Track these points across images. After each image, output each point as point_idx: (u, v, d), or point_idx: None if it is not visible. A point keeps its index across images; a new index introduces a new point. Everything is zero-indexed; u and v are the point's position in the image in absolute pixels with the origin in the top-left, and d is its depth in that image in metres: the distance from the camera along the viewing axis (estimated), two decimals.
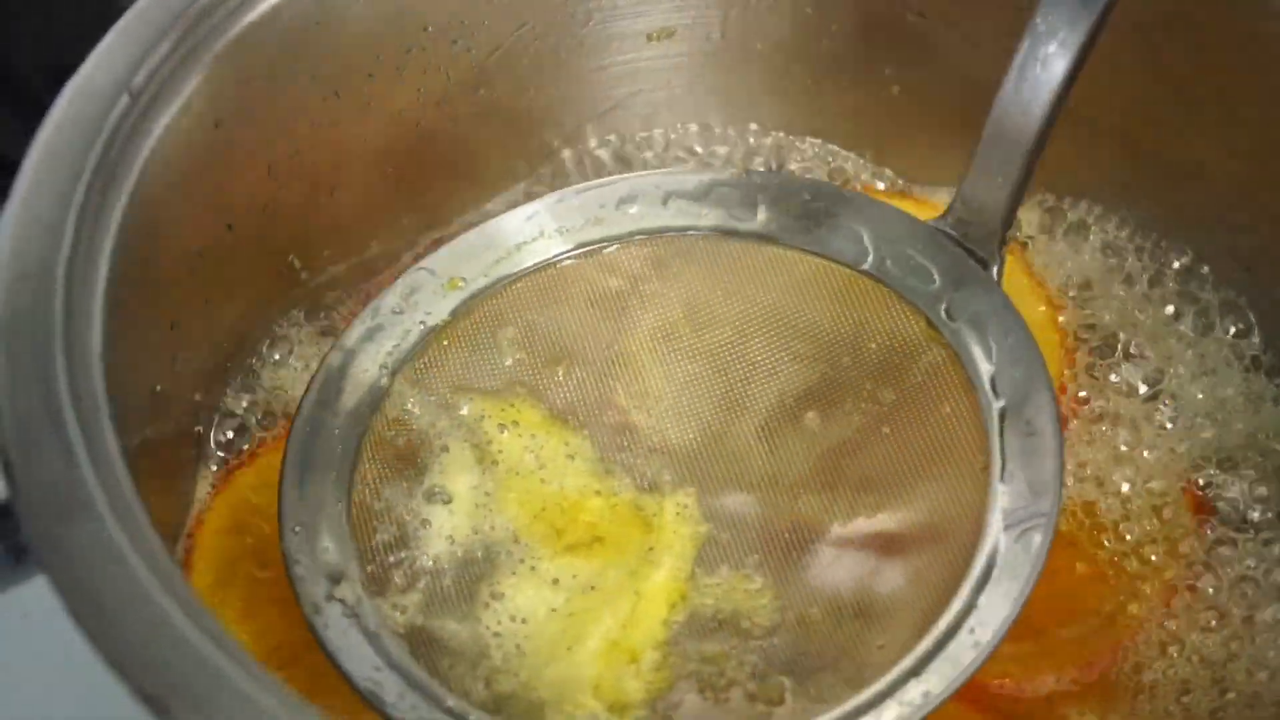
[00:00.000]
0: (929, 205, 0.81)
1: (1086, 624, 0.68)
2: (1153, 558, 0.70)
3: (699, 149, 0.85)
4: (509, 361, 0.68)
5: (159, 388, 0.67)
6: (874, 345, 0.67)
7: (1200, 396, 0.75)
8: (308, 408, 0.65)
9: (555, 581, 0.63)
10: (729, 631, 0.62)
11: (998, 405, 0.63)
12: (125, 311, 0.61)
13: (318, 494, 0.63)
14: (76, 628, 0.50)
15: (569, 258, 0.70)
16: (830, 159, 0.85)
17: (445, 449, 0.66)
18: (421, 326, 0.68)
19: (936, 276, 0.67)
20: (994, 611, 0.58)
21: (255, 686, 0.48)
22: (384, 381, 0.66)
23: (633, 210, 0.71)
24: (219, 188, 0.69)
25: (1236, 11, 0.70)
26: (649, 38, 0.82)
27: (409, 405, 0.67)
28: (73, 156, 0.61)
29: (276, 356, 0.77)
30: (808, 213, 0.70)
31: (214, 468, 0.74)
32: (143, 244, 0.63)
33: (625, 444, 0.67)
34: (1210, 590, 0.69)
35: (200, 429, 0.74)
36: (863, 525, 0.64)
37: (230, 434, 0.75)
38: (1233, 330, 0.77)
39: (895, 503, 0.64)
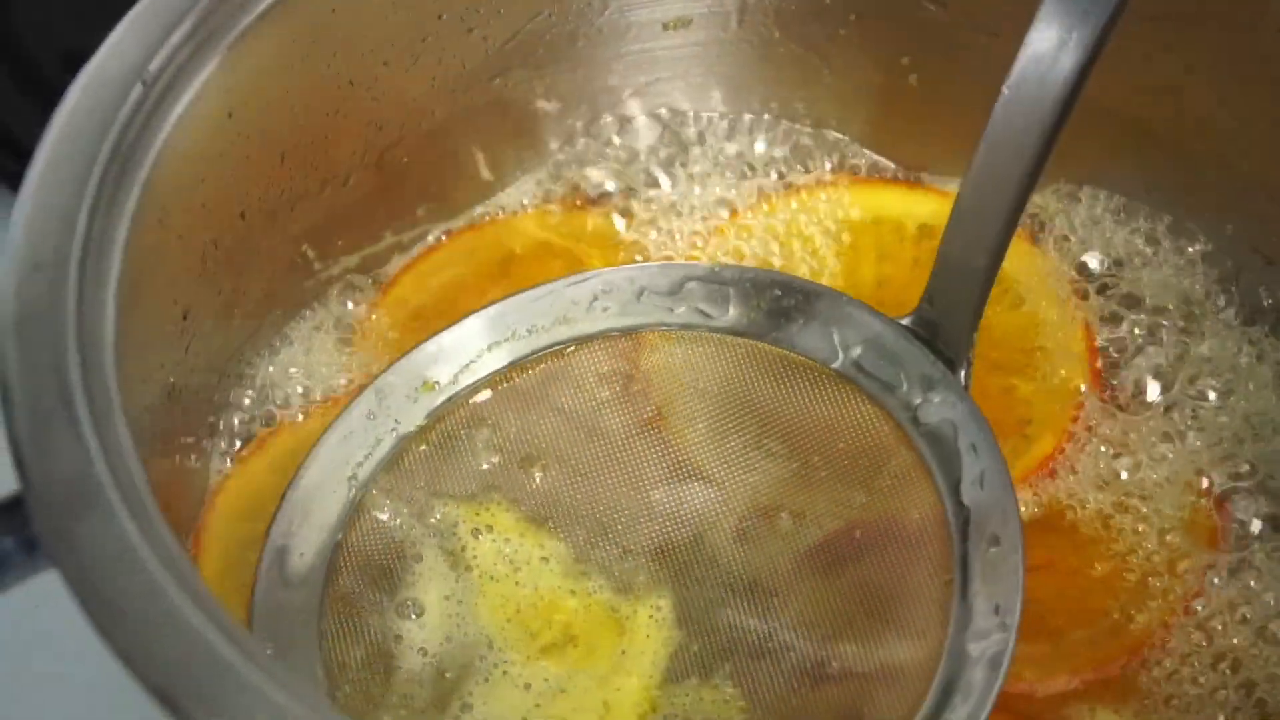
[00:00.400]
0: (943, 195, 0.81)
1: (1102, 626, 0.68)
2: (1171, 560, 0.70)
3: (713, 139, 0.85)
4: (484, 465, 0.68)
5: (172, 379, 0.67)
6: (843, 446, 0.67)
7: (1227, 397, 0.75)
8: (278, 524, 0.65)
9: (527, 686, 0.63)
10: None
11: (962, 514, 0.63)
12: (138, 301, 0.60)
13: (289, 613, 0.63)
14: (87, 621, 0.49)
15: (542, 357, 0.70)
16: (845, 149, 0.84)
17: (419, 558, 0.66)
18: (394, 433, 0.68)
19: (905, 379, 0.67)
20: None
21: (266, 681, 0.48)
22: (354, 493, 0.66)
23: (604, 306, 0.71)
24: (232, 177, 0.69)
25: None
26: (665, 26, 0.81)
27: (381, 515, 0.66)
28: (86, 145, 0.61)
29: (290, 346, 0.77)
30: (778, 309, 0.70)
31: (227, 458, 0.74)
32: (156, 233, 0.63)
33: (600, 545, 0.66)
34: (1228, 594, 0.69)
35: (213, 419, 0.74)
36: (831, 637, 0.63)
37: (243, 424, 0.75)
38: (1263, 330, 0.76)
39: (863, 614, 0.64)
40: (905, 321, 0.68)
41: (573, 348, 0.71)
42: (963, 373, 0.67)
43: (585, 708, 0.62)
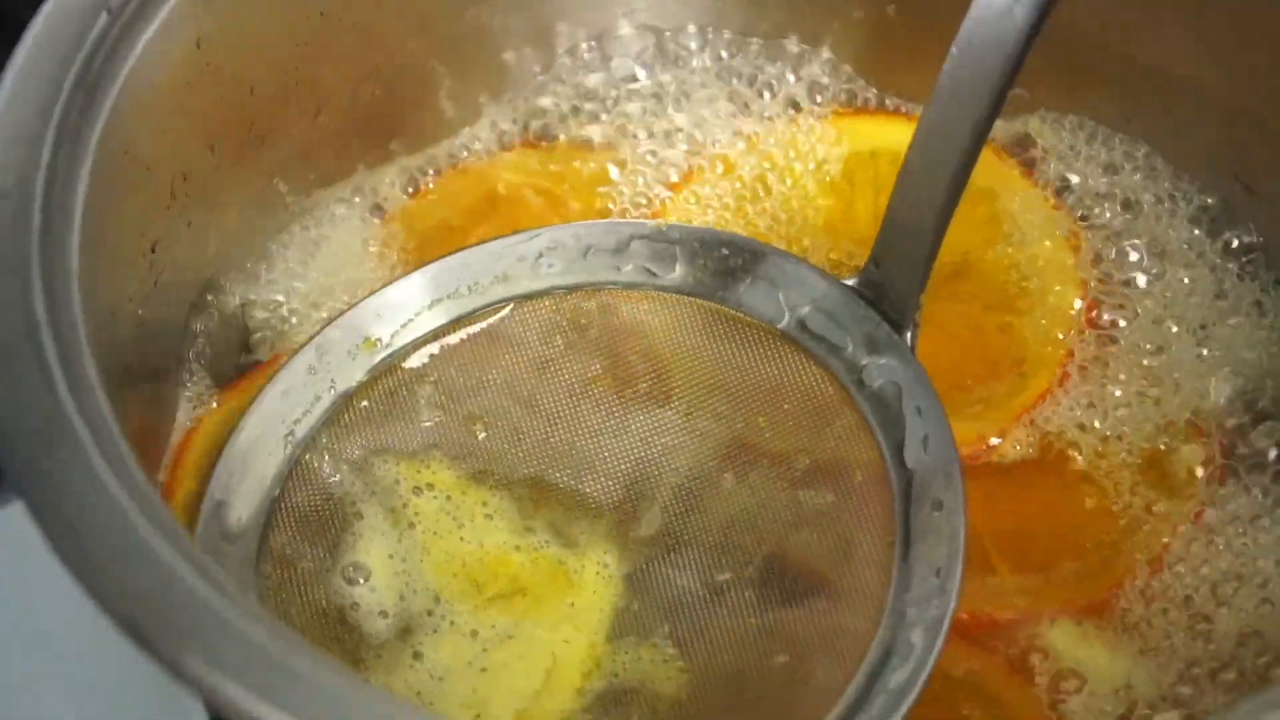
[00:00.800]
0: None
1: (1093, 558, 0.68)
2: (1160, 495, 0.70)
3: (684, 56, 0.84)
4: (426, 423, 0.67)
5: (141, 312, 0.66)
6: (789, 407, 0.67)
7: (1213, 328, 0.74)
8: (216, 479, 0.64)
9: (474, 634, 0.62)
10: (638, 700, 0.61)
11: (905, 476, 0.63)
12: (105, 233, 0.60)
13: (228, 569, 0.62)
14: (54, 554, 0.49)
15: (485, 314, 0.70)
16: (819, 69, 0.83)
17: (359, 515, 0.65)
18: (333, 390, 0.67)
19: (850, 340, 0.67)
20: (895, 690, 0.58)
21: (234, 612, 0.47)
22: (292, 450, 0.66)
23: (550, 264, 0.70)
24: (200, 109, 0.68)
25: None
26: None
27: (320, 473, 0.66)
28: (51, 75, 0.60)
29: (263, 282, 0.76)
30: (725, 269, 0.70)
31: (199, 394, 0.73)
32: (122, 165, 0.62)
33: (545, 501, 0.66)
34: (1216, 526, 0.69)
35: (184, 355, 0.73)
36: (775, 601, 0.63)
37: (214, 361, 0.74)
38: (1248, 261, 0.76)
39: (807, 575, 0.63)
40: (852, 283, 0.68)
41: (516, 305, 0.70)
42: (909, 335, 0.67)
43: (532, 656, 0.62)
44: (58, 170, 0.58)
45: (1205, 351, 0.74)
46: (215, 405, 0.73)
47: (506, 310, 0.70)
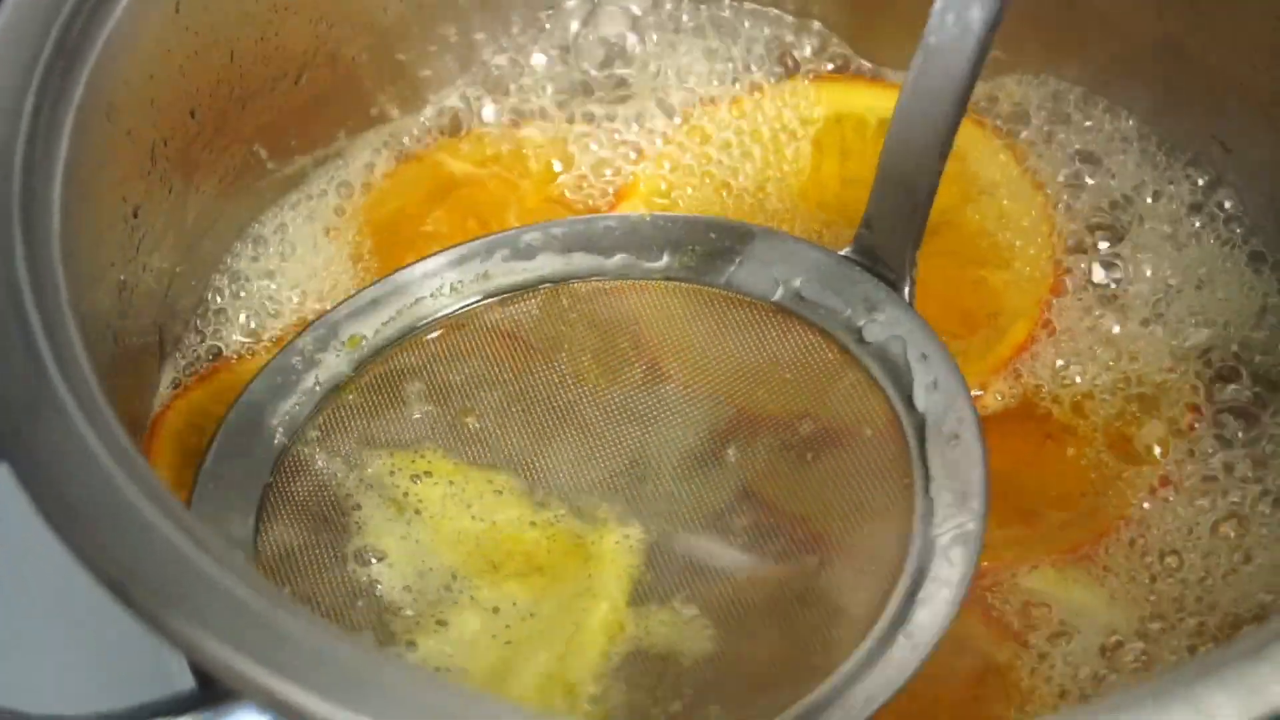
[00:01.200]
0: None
1: (1078, 508, 0.68)
2: (1143, 445, 0.70)
3: (661, 36, 0.84)
4: (417, 415, 0.67)
5: (123, 277, 0.66)
6: (789, 376, 0.67)
7: (1190, 283, 0.75)
8: (205, 468, 0.64)
9: (495, 610, 0.62)
10: (664, 662, 0.61)
11: (917, 420, 0.64)
12: (86, 197, 0.60)
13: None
14: (40, 516, 0.49)
15: (471, 308, 0.70)
16: (788, 32, 0.83)
17: (358, 506, 0.65)
18: (318, 387, 0.67)
19: (847, 303, 0.67)
20: (929, 617, 0.58)
21: (221, 573, 0.48)
22: (281, 441, 0.65)
23: (535, 260, 0.70)
24: (181, 73, 0.68)
25: None
26: None
27: (315, 465, 0.65)
28: (31, 38, 0.60)
29: (245, 250, 0.76)
30: (714, 251, 0.70)
31: (181, 367, 0.73)
32: (103, 130, 0.62)
33: (553, 481, 0.65)
34: (1199, 477, 0.69)
35: (167, 321, 0.73)
36: (795, 552, 0.63)
37: (196, 332, 0.74)
38: (1224, 217, 0.76)
39: (825, 527, 0.63)
40: (845, 252, 0.68)
41: (501, 301, 0.70)
42: (906, 290, 0.67)
43: (554, 629, 0.62)
44: (38, 133, 0.58)
45: (1181, 308, 0.74)
46: (195, 379, 0.73)
47: (492, 304, 0.70)
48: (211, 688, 0.49)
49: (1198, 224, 0.76)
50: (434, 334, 0.69)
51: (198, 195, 0.72)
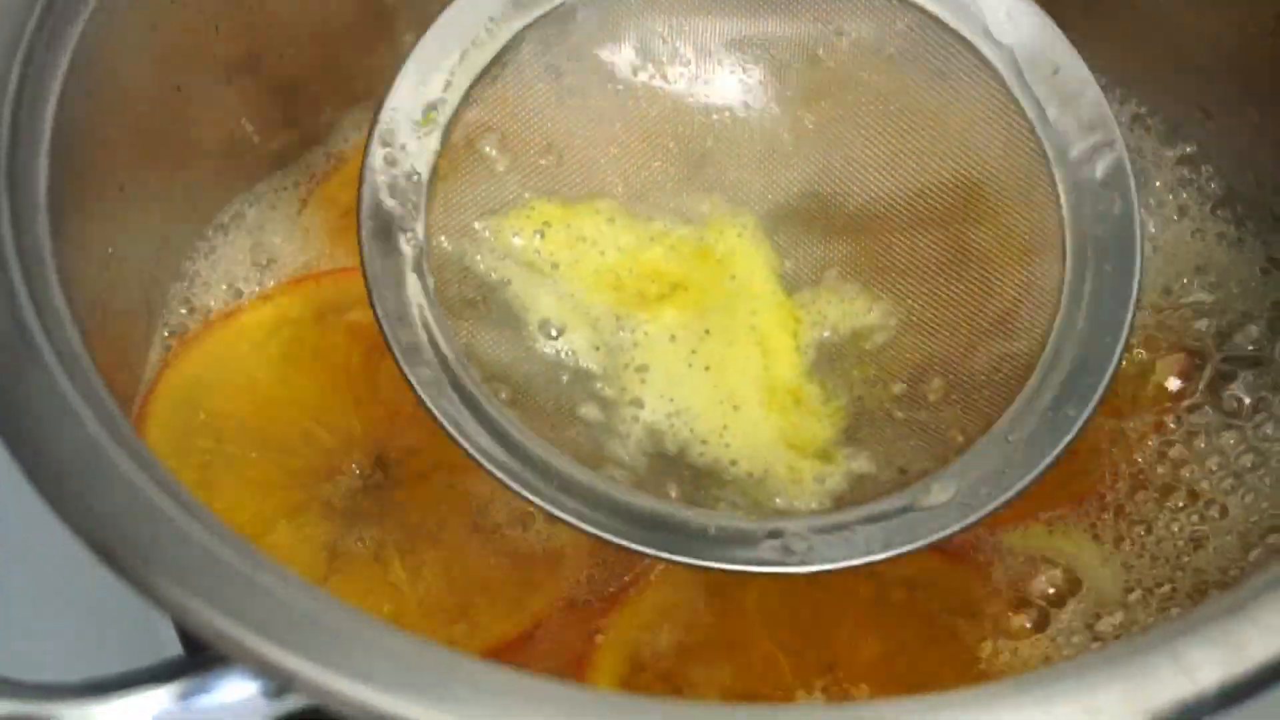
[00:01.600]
0: None
1: (1074, 462, 0.68)
2: (1138, 396, 0.71)
3: None
4: (502, 168, 0.65)
5: (110, 249, 0.66)
6: (847, 40, 0.66)
7: (1169, 248, 0.75)
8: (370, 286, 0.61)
9: (672, 338, 0.63)
10: (858, 341, 0.62)
11: (1009, 57, 0.63)
12: (72, 167, 0.60)
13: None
14: (27, 481, 0.49)
15: (510, 43, 0.66)
16: None
17: (507, 281, 0.64)
18: (416, 178, 0.64)
19: None
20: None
21: (204, 533, 0.48)
22: (413, 246, 0.62)
23: None
24: (166, 47, 0.68)
25: None
26: None
27: (451, 257, 0.64)
28: (16, 11, 0.60)
29: (231, 225, 0.76)
30: None
31: (167, 337, 0.73)
32: (89, 102, 0.62)
33: (651, 192, 0.65)
34: (1194, 432, 0.69)
35: (154, 296, 0.73)
36: (920, 202, 0.64)
37: (184, 305, 0.74)
38: (1197, 176, 0.77)
39: (941, 168, 0.64)
40: None
41: (544, 27, 0.66)
42: None
43: (737, 339, 0.63)
44: (23, 104, 0.58)
45: (1170, 270, 0.74)
46: (182, 351, 0.73)
47: (528, 34, 0.66)
48: (200, 654, 0.49)
49: (1176, 189, 0.76)
50: (488, 81, 0.66)
51: (184, 170, 0.72)
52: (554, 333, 0.63)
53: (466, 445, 0.57)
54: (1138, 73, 0.78)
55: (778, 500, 0.60)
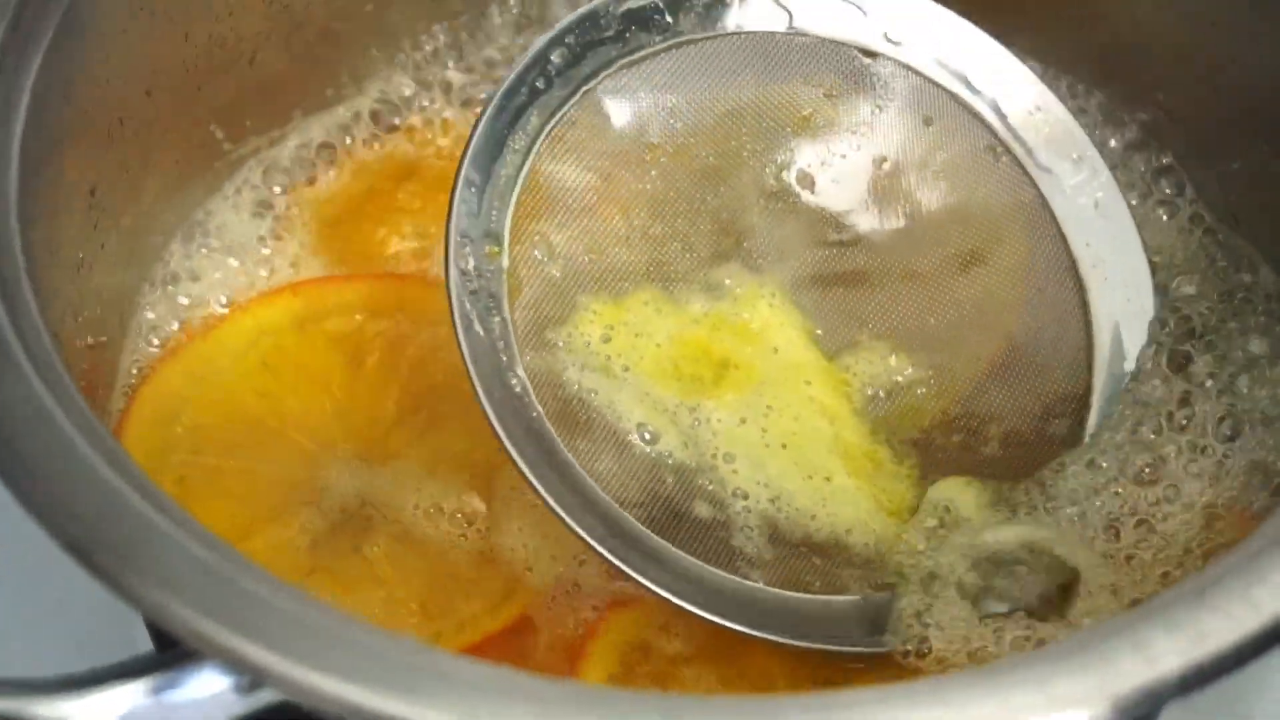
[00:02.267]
0: None
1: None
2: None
3: None
4: (557, 274, 0.67)
5: (81, 254, 0.67)
6: (827, 93, 0.69)
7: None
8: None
9: (742, 421, 0.65)
10: (907, 393, 0.66)
11: (989, 102, 0.68)
12: (42, 173, 0.60)
13: None
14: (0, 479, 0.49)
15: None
16: None
17: (594, 391, 0.65)
18: (497, 313, 0.65)
19: (864, 9, 0.69)
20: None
21: (180, 532, 0.48)
22: (514, 382, 0.64)
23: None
24: (136, 53, 0.68)
25: None
26: None
27: (548, 380, 0.65)
28: None
29: (203, 229, 0.76)
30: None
31: (140, 344, 0.73)
32: (60, 108, 0.63)
33: (675, 277, 0.67)
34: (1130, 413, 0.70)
35: (125, 301, 0.73)
36: (928, 245, 0.68)
37: (157, 315, 0.74)
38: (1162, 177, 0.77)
39: (956, 217, 0.68)
40: None
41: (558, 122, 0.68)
42: None
43: (801, 413, 0.65)
44: None
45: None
46: (160, 359, 0.73)
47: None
48: (172, 650, 0.49)
49: (1142, 185, 0.77)
50: (523, 200, 0.67)
51: (155, 175, 0.72)
52: (648, 437, 0.65)
53: (641, 579, 0.60)
54: (1103, 75, 0.78)
55: (900, 558, 0.63)
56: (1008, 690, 0.45)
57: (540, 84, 0.67)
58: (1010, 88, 0.69)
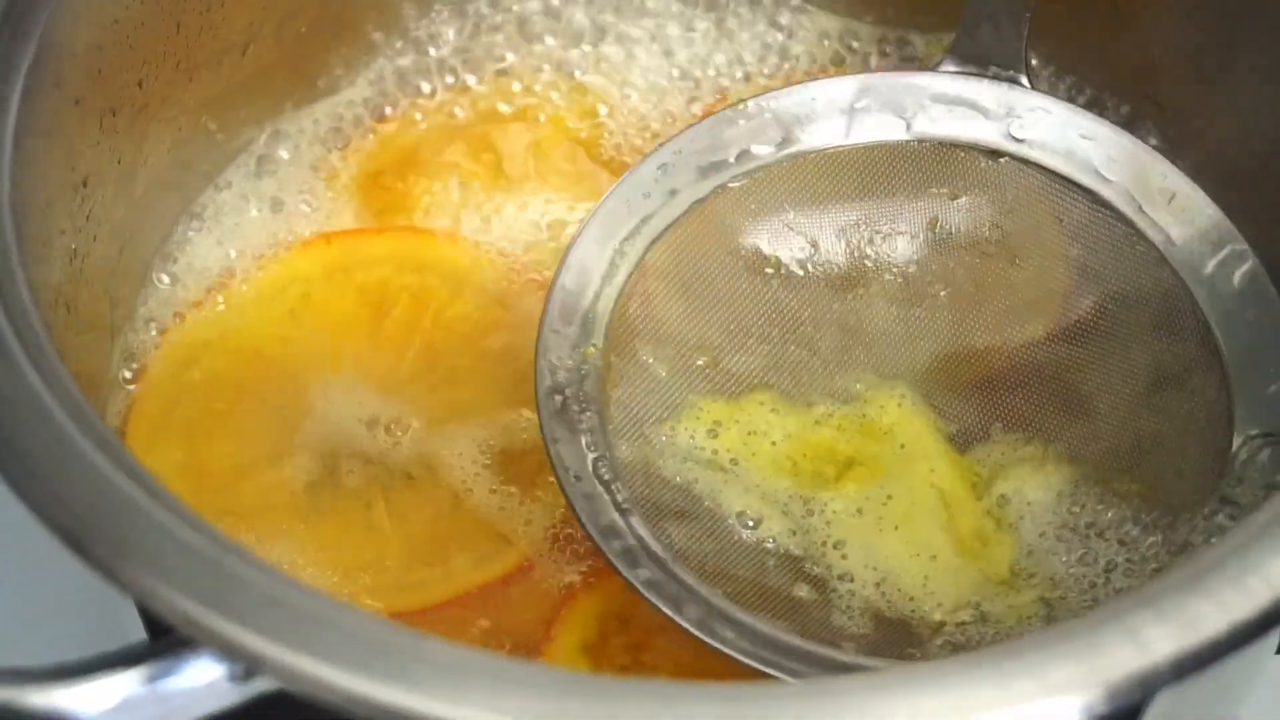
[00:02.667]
0: None
1: None
2: None
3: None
4: (664, 373, 0.67)
5: (74, 246, 0.67)
6: (965, 198, 0.69)
7: None
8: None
9: (859, 512, 0.64)
10: (1041, 488, 0.64)
11: (1120, 191, 0.66)
12: (33, 165, 0.60)
13: None
14: None
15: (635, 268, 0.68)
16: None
17: (694, 482, 0.65)
18: (590, 414, 0.65)
19: (982, 113, 0.69)
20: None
21: (174, 521, 0.48)
22: (597, 488, 0.63)
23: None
24: (128, 44, 0.68)
25: None
26: None
27: (641, 469, 0.65)
28: None
29: (195, 221, 0.77)
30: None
31: (134, 338, 0.73)
32: (52, 98, 0.63)
33: (802, 384, 0.67)
34: None
35: (118, 293, 0.73)
36: (1073, 339, 0.67)
37: (150, 306, 0.75)
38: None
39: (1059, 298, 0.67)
40: (951, 68, 0.70)
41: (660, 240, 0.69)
42: (1025, 79, 0.69)
43: (920, 500, 0.64)
44: None
45: None
46: (153, 354, 0.73)
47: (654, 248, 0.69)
48: (166, 637, 0.49)
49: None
50: (628, 304, 0.68)
51: (147, 166, 0.72)
52: (751, 524, 0.64)
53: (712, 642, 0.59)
54: (1093, 66, 0.79)
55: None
56: (1003, 676, 0.45)
57: (645, 193, 0.68)
58: (1139, 171, 0.68)
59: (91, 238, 0.68)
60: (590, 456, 0.64)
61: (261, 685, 0.47)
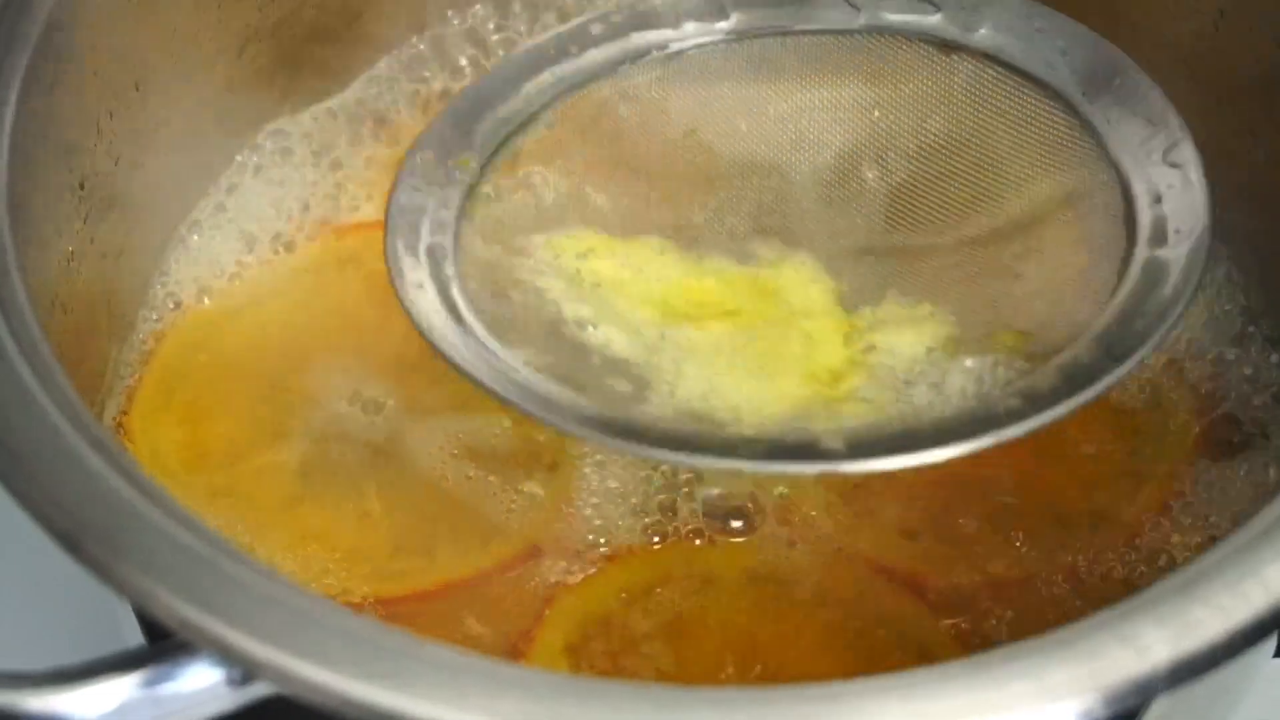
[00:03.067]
0: None
1: None
2: None
3: None
4: (550, 200, 0.66)
5: (70, 248, 0.66)
6: (909, 89, 0.67)
7: None
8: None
9: (716, 349, 0.62)
10: (916, 346, 0.62)
11: (1070, 83, 0.64)
12: (31, 166, 0.60)
13: None
14: None
15: (564, 97, 0.68)
16: None
17: (543, 289, 0.64)
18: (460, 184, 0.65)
19: (940, 5, 0.67)
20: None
21: (168, 521, 0.48)
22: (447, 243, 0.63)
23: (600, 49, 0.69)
24: (124, 46, 0.68)
25: None
26: None
27: (482, 259, 0.64)
28: None
29: (194, 224, 0.76)
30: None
31: (132, 338, 0.73)
32: (47, 99, 0.63)
33: (701, 241, 0.66)
34: None
35: (115, 296, 0.73)
36: (980, 207, 0.65)
37: (147, 308, 0.74)
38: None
39: (1004, 182, 0.65)
40: None
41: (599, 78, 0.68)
42: None
43: (787, 340, 0.62)
44: None
45: None
46: (155, 363, 0.73)
47: (588, 87, 0.68)
48: (163, 642, 0.49)
49: None
50: (540, 126, 0.67)
51: (145, 169, 0.72)
52: (591, 328, 0.63)
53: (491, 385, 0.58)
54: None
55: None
56: (1000, 680, 0.45)
57: (574, 49, 0.67)
58: (1091, 67, 0.66)
59: (89, 240, 0.68)
60: (428, 240, 0.63)
61: (259, 690, 0.47)
